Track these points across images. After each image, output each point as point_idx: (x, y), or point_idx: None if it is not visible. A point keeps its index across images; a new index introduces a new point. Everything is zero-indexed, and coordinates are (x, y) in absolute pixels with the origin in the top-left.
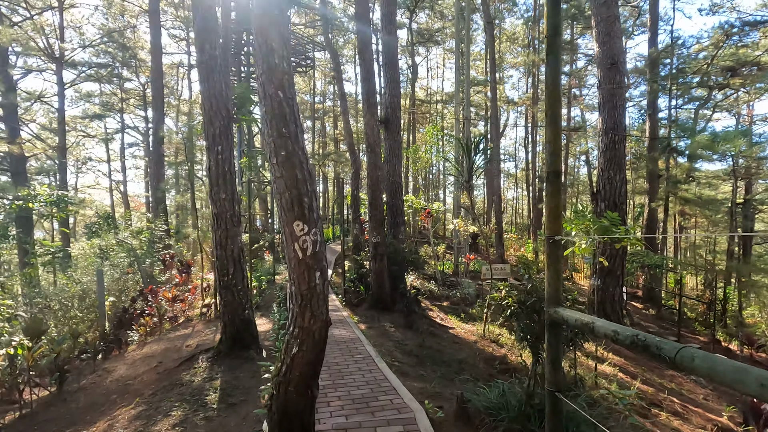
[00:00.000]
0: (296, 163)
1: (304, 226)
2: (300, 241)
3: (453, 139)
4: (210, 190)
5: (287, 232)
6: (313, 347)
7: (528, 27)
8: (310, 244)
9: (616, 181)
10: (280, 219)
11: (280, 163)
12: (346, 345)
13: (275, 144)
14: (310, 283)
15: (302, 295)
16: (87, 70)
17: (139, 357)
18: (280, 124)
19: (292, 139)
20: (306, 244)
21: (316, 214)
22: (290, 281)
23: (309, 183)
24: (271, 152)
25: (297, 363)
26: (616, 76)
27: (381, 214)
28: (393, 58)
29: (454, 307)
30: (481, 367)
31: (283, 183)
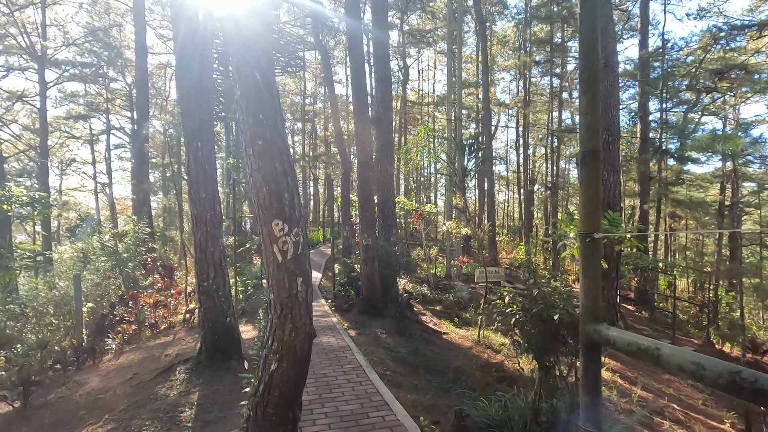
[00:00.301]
0: (275, 153)
1: (284, 225)
2: (279, 242)
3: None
4: (189, 189)
5: (264, 232)
6: (295, 363)
7: (519, 30)
8: (291, 246)
9: (611, 182)
10: (257, 217)
11: (257, 153)
12: (335, 354)
13: (251, 132)
14: (291, 291)
15: (282, 304)
16: (71, 69)
17: (114, 368)
18: (257, 109)
19: (271, 126)
20: (286, 246)
21: (298, 211)
22: (269, 288)
23: (290, 176)
24: (246, 141)
25: (276, 382)
26: (610, 76)
27: (372, 215)
28: (384, 56)
29: (448, 312)
30: (478, 376)
31: (259, 176)
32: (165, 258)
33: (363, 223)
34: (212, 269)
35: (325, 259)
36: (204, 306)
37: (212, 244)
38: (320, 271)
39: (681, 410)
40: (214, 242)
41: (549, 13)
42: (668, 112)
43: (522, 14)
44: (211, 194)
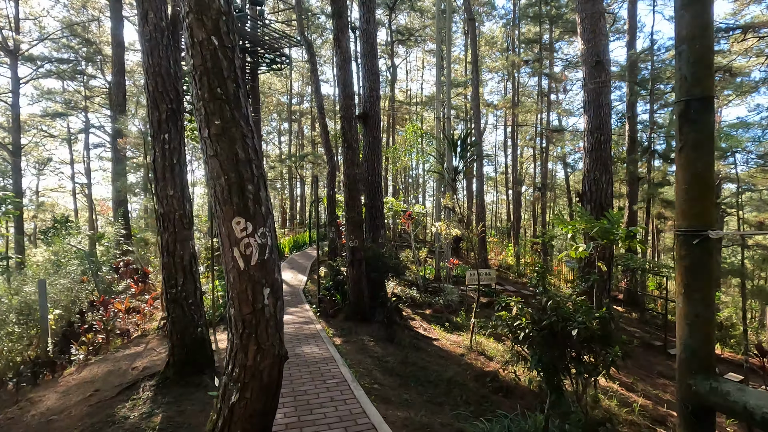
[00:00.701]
0: (236, 136)
1: (246, 224)
2: (241, 245)
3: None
4: (155, 186)
5: (223, 233)
6: (261, 394)
7: (507, 31)
8: (255, 250)
9: (603, 182)
10: (214, 214)
11: (214, 136)
12: (318, 366)
13: (206, 110)
14: (256, 305)
15: (244, 322)
16: (46, 65)
17: (75, 383)
18: (214, 83)
19: (231, 103)
20: (250, 250)
21: (265, 207)
22: (228, 302)
23: (255, 164)
24: (201, 121)
25: (238, 416)
26: (602, 74)
27: (359, 216)
28: (372, 49)
29: (438, 316)
30: (472, 387)
31: (216, 164)
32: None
33: (349, 223)
34: (181, 275)
35: (311, 262)
36: (172, 315)
37: (181, 247)
38: (305, 274)
39: None
40: (183, 245)
41: (538, 12)
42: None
43: (510, 15)
44: (180, 191)
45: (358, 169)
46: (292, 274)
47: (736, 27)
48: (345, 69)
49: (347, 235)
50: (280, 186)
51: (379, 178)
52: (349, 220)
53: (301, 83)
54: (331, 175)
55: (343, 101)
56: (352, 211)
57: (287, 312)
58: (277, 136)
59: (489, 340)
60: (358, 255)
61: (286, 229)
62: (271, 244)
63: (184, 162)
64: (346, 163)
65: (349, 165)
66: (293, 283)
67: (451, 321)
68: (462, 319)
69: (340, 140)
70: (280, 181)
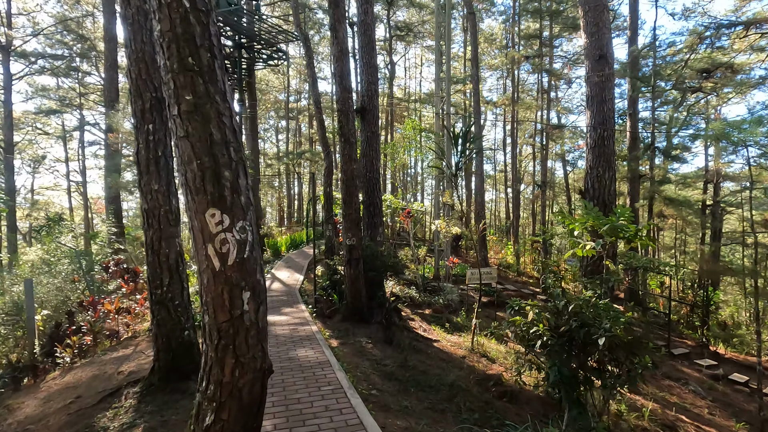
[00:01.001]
0: (211, 114)
1: (223, 216)
2: (216, 241)
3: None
4: (138, 180)
5: (196, 227)
6: (241, 414)
7: (506, 28)
8: (233, 247)
9: (606, 178)
10: (186, 205)
11: (185, 114)
12: (313, 372)
13: (176, 83)
14: (234, 311)
15: (220, 331)
16: (40, 61)
17: (58, 388)
18: (185, 51)
19: (205, 75)
20: (226, 247)
21: (245, 198)
22: (202, 308)
23: (233, 148)
24: (170, 97)
25: None
26: (605, 68)
27: (356, 213)
28: (370, 42)
29: (437, 316)
30: (475, 392)
31: (188, 146)
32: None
33: (346, 221)
34: (167, 274)
35: (308, 261)
36: (157, 318)
37: (167, 245)
38: (302, 273)
39: (692, 423)
40: (168, 243)
41: (538, 8)
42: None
43: (509, 11)
44: (166, 186)
45: (355, 164)
46: (289, 273)
47: (738, 23)
48: (342, 61)
49: (344, 233)
50: (278, 184)
51: (378, 174)
52: (346, 217)
53: (299, 80)
54: (328, 172)
55: (340, 94)
56: (349, 209)
57: (282, 312)
58: (275, 134)
59: (491, 341)
60: (356, 254)
61: (284, 227)
62: (252, 241)
63: (170, 155)
64: (343, 159)
65: (347, 160)
66: (289, 282)
67: (452, 321)
68: (462, 320)
69: (338, 136)
70: (278, 179)
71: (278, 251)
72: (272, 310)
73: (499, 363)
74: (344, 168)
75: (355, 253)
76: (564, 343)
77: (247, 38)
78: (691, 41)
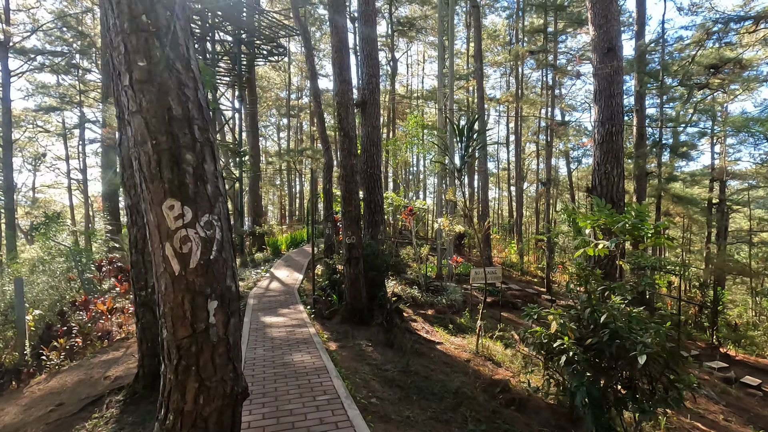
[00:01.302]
0: (170, 84)
1: (183, 209)
2: (176, 239)
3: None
4: (121, 174)
5: (151, 221)
6: None
7: (509, 24)
8: (196, 246)
9: (614, 175)
10: (140, 195)
11: (137, 83)
12: (308, 379)
13: (127, 46)
14: (196, 324)
15: (180, 348)
16: (39, 58)
17: (41, 394)
18: (137, 7)
19: (163, 37)
20: (188, 246)
21: (212, 187)
22: (160, 319)
23: (197, 126)
24: (120, 63)
25: None
26: (614, 61)
27: (356, 210)
28: (371, 33)
29: (440, 317)
30: (481, 400)
31: (141, 123)
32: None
33: (346, 219)
34: (152, 274)
35: (308, 260)
36: (142, 321)
37: None
38: (301, 272)
39: (708, 430)
40: None
41: (543, 2)
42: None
43: (513, 6)
44: None
45: (355, 159)
46: (288, 272)
47: (747, 17)
48: (341, 51)
49: (344, 230)
50: (279, 182)
51: (379, 170)
52: (345, 215)
53: (300, 78)
54: (327, 168)
55: (339, 86)
56: (349, 206)
57: (279, 313)
58: (276, 132)
59: (496, 343)
60: (356, 252)
61: (285, 225)
62: (221, 239)
63: None
64: (342, 154)
65: (346, 155)
66: (288, 281)
67: (455, 322)
68: (466, 320)
69: (337, 131)
70: (279, 177)
71: (278, 250)
72: (269, 311)
73: (505, 367)
74: (344, 163)
75: (355, 252)
76: (590, 358)
77: (247, 33)
78: (699, 36)
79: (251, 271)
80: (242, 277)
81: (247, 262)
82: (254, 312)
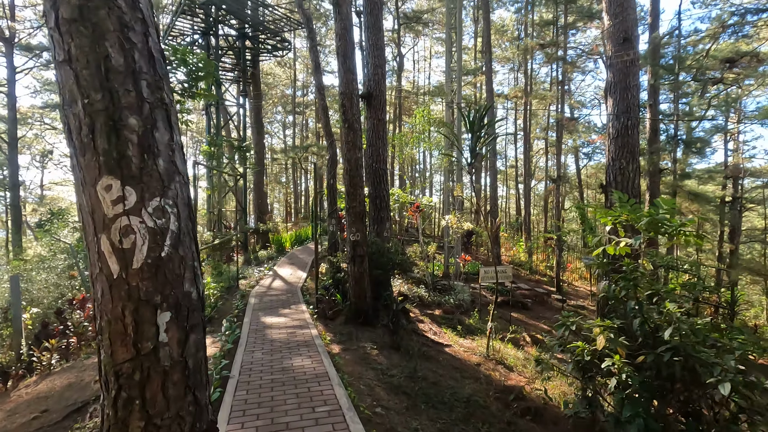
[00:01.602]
0: (108, 26)
1: (125, 190)
2: (114, 230)
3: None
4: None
5: (84, 206)
6: None
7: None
8: (142, 239)
9: (629, 171)
10: (74, 178)
11: (65, 23)
12: (308, 387)
13: None
14: (141, 344)
15: (119, 375)
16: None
17: (28, 398)
18: None
19: None
20: (131, 239)
21: (166, 162)
22: (96, 336)
23: (146, 82)
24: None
25: None
26: (630, 52)
27: (361, 206)
28: (377, 21)
29: (448, 317)
30: (495, 410)
31: (70, 77)
32: None
33: (350, 215)
34: None
35: (312, 257)
36: None
37: None
38: (305, 271)
39: None
40: None
41: None
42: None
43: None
44: None
45: (360, 153)
46: (291, 270)
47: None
48: (345, 38)
49: (348, 227)
50: (285, 180)
51: (385, 165)
52: (349, 211)
53: (306, 75)
54: (331, 162)
55: (343, 75)
56: (353, 201)
57: (281, 313)
58: (282, 129)
59: (506, 345)
60: (360, 250)
61: (290, 223)
62: (177, 230)
63: None
64: (346, 147)
65: (350, 148)
66: (291, 280)
67: (463, 323)
68: (475, 321)
69: (342, 123)
70: (284, 174)
71: (283, 247)
72: (270, 311)
73: (518, 371)
74: (348, 157)
75: (360, 250)
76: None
77: (252, 27)
78: (714, 30)
79: (254, 269)
80: (245, 275)
81: (250, 259)
82: (255, 312)
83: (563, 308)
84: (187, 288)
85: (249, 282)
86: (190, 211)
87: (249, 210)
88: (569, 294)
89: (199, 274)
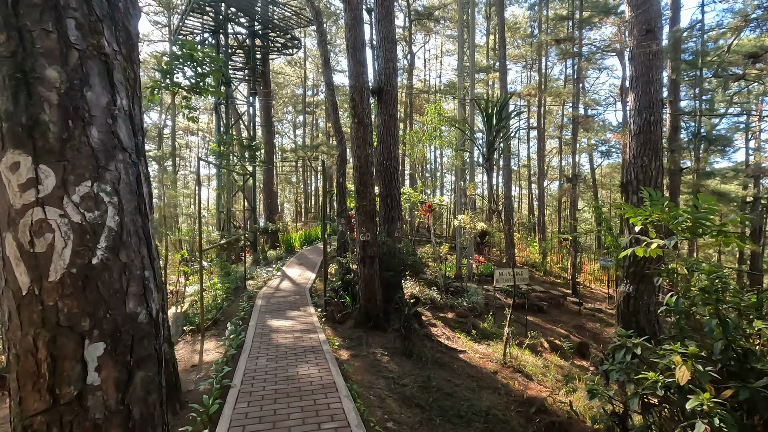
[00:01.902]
0: None
1: (39, 171)
2: (23, 226)
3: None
4: None
5: None
6: None
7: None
8: (63, 240)
9: (652, 169)
10: None
11: None
12: (314, 399)
13: None
14: (60, 389)
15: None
16: None
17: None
18: None
19: None
20: (47, 240)
21: (102, 133)
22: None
23: (73, 20)
24: None
25: None
26: (653, 44)
27: (372, 205)
28: (388, 14)
29: (462, 321)
30: (516, 425)
31: None
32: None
33: (360, 214)
34: None
35: (322, 257)
36: None
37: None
38: (314, 271)
39: None
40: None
41: None
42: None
43: None
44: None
45: (370, 149)
46: (300, 271)
47: None
48: (355, 29)
49: (358, 227)
50: (295, 180)
51: (396, 162)
52: (359, 210)
53: (316, 74)
54: (341, 160)
55: (353, 67)
56: (363, 200)
57: (288, 316)
58: (293, 129)
59: (524, 351)
60: (370, 251)
61: (300, 223)
62: (118, 227)
63: None
64: (356, 143)
65: (360, 144)
66: (300, 281)
67: (478, 327)
68: (490, 325)
69: (351, 119)
70: (294, 175)
71: (292, 247)
72: (277, 313)
73: (537, 380)
74: (358, 153)
75: (370, 250)
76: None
77: (261, 24)
78: (736, 23)
79: (263, 269)
80: (253, 275)
81: (259, 259)
82: (261, 314)
83: (580, 311)
84: (131, 307)
85: (257, 283)
86: (141, 201)
87: (259, 210)
88: (585, 296)
89: (154, 288)
